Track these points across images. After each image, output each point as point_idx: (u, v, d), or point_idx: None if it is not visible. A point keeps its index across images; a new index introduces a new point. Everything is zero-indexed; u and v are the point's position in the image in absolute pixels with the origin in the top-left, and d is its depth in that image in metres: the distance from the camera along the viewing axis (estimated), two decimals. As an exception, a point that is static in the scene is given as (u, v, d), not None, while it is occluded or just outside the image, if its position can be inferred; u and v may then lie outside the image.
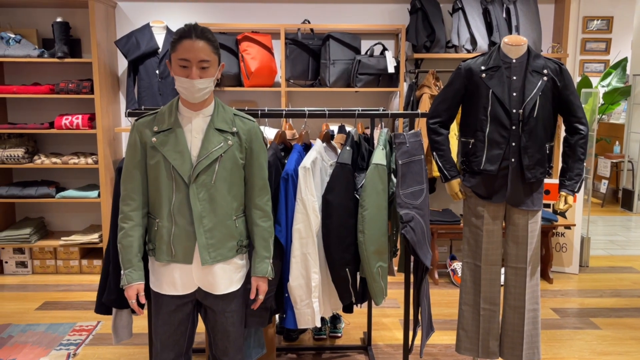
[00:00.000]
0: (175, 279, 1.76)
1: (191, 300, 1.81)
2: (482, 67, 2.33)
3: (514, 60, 2.32)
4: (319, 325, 2.22)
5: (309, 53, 3.89)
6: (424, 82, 3.95)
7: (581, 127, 2.36)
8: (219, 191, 1.73)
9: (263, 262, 1.85)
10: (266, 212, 1.85)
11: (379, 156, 2.19)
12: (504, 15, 3.92)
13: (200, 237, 1.72)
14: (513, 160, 2.32)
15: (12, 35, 3.84)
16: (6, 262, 4.10)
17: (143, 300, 1.76)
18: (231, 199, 1.77)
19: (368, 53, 3.93)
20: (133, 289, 1.74)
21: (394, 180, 2.31)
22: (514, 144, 2.30)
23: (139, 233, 1.76)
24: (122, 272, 1.75)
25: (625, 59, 6.48)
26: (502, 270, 2.47)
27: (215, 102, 1.79)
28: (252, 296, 1.87)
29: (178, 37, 1.66)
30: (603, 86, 6.50)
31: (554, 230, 4.08)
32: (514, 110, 2.29)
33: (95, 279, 3.97)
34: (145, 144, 1.72)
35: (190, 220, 1.71)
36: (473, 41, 3.89)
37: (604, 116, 6.95)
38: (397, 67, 3.87)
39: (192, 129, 1.72)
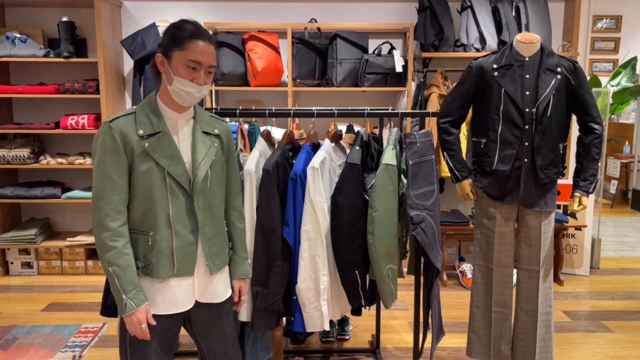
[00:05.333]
0: (176, 296, 1.63)
1: (185, 315, 1.71)
2: (494, 66, 2.28)
3: (527, 59, 2.27)
4: (327, 328, 2.18)
5: (316, 52, 3.86)
6: (432, 81, 3.90)
7: (596, 126, 2.31)
8: (214, 197, 1.67)
9: (244, 263, 1.83)
10: (242, 213, 1.84)
11: (389, 156, 2.14)
12: (514, 13, 3.87)
13: (205, 247, 1.65)
14: (526, 160, 2.27)
15: (18, 35, 3.82)
16: (11, 263, 4.08)
17: (153, 322, 1.59)
18: (222, 203, 1.74)
19: (376, 52, 3.89)
20: (142, 311, 1.55)
21: (404, 180, 2.27)
22: (527, 143, 2.26)
23: (131, 250, 1.57)
24: (123, 297, 1.53)
25: (634, 58, 6.40)
26: (514, 272, 2.43)
27: None
28: (236, 299, 1.82)
29: (188, 35, 1.52)
30: (612, 85, 6.43)
31: (564, 232, 4.03)
32: (527, 109, 2.24)
33: (101, 280, 3.95)
34: (132, 149, 1.54)
35: (191, 229, 1.62)
36: (482, 40, 3.84)
37: (613, 116, 6.87)
38: (405, 67, 3.82)
39: (178, 133, 1.62)
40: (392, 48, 3.92)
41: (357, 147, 2.19)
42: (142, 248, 1.59)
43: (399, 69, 3.77)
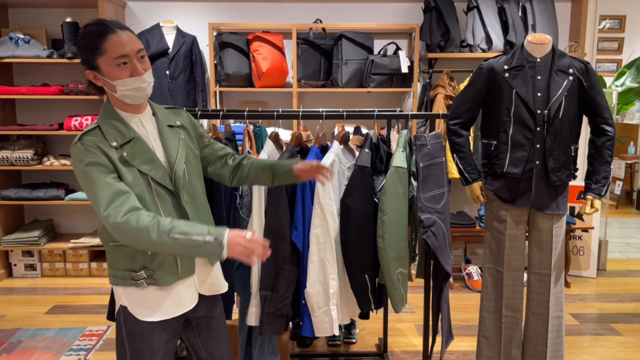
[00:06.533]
0: (182, 296, 1.59)
1: (184, 318, 1.66)
2: (505, 67, 2.25)
3: (539, 60, 2.24)
4: (337, 333, 2.15)
5: (321, 53, 3.83)
6: (438, 82, 3.88)
7: (608, 128, 2.28)
8: (195, 188, 1.62)
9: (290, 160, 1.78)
10: (245, 156, 1.80)
11: (399, 159, 2.12)
12: (520, 13, 3.84)
13: None
14: (537, 162, 2.24)
15: (21, 36, 3.80)
16: (15, 265, 4.06)
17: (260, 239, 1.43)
18: (204, 192, 1.68)
19: (381, 53, 3.87)
20: (234, 233, 1.38)
21: (414, 183, 2.24)
22: (538, 145, 2.23)
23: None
24: (206, 239, 1.36)
25: (639, 59, 6.37)
26: (525, 276, 2.40)
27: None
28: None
29: (98, 37, 1.43)
30: (617, 86, 6.40)
31: (571, 233, 4.00)
32: (539, 111, 2.21)
33: (105, 282, 3.92)
34: (112, 161, 1.46)
35: None
36: (488, 40, 3.81)
37: (617, 116, 6.84)
38: (410, 67, 3.80)
39: (147, 134, 1.55)
40: (398, 49, 3.89)
41: (366, 150, 2.17)
42: (141, 259, 1.51)
43: (404, 69, 3.74)
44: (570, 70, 2.22)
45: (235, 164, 1.78)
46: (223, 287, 1.71)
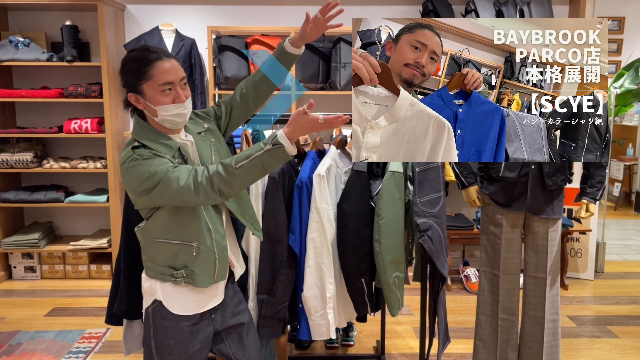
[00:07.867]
0: (218, 291, 1.69)
1: (213, 330, 1.70)
2: (501, 72, 2.27)
3: (534, 65, 2.26)
4: (333, 337, 2.16)
5: (320, 56, 3.84)
6: (436, 85, 3.89)
7: (603, 132, 2.30)
8: None
9: None
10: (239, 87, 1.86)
11: (395, 163, 2.13)
12: (518, 16, 3.85)
13: (246, 223, 1.75)
14: (533, 167, 2.26)
15: (21, 39, 3.82)
16: (14, 267, 4.08)
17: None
18: None
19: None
20: (292, 119, 1.50)
21: (410, 187, 2.26)
22: (533, 150, 2.24)
23: None
24: (264, 149, 1.44)
25: (638, 60, 6.37)
26: (521, 279, 2.41)
27: None
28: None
29: (147, 63, 1.50)
30: (616, 87, 6.40)
31: (568, 236, 4.01)
32: (534, 116, 2.23)
33: (104, 284, 3.94)
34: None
35: (222, 234, 1.63)
36: (486, 43, 3.82)
37: (616, 118, 6.84)
38: (409, 70, 3.80)
39: (189, 147, 1.64)
40: (396, 52, 3.90)
41: (363, 154, 2.18)
42: (183, 258, 1.58)
43: (403, 72, 3.75)
44: (566, 75, 2.24)
45: (239, 94, 1.80)
46: (242, 266, 1.84)
